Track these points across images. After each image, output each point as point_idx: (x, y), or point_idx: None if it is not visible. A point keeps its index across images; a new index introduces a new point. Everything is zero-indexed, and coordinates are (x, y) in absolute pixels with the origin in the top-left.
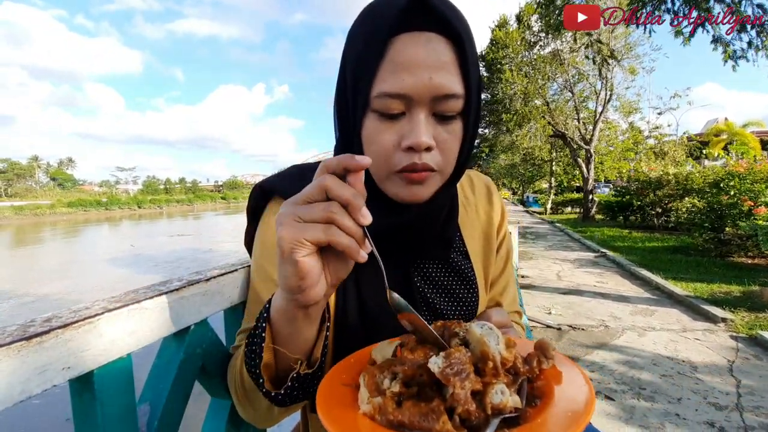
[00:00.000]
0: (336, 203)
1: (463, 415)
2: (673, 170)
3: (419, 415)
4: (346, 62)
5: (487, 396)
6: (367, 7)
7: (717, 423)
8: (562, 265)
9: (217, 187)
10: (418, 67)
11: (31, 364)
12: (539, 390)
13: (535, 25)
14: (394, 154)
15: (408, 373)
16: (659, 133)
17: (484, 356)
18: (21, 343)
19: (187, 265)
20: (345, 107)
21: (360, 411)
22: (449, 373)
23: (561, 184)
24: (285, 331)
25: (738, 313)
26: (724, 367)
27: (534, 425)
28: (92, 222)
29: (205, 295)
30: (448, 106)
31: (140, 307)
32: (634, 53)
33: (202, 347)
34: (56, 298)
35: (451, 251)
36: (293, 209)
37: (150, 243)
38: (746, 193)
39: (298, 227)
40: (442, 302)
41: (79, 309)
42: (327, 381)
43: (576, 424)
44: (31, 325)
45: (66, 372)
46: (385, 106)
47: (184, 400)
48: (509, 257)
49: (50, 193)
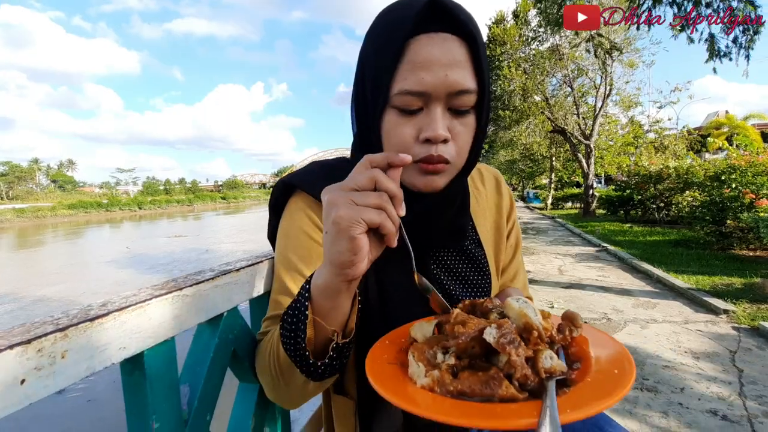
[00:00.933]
0: (385, 193)
1: (520, 380)
2: (674, 164)
3: (479, 384)
4: (364, 62)
5: (539, 361)
6: (384, 11)
7: (720, 411)
8: (563, 260)
9: (217, 186)
10: (435, 66)
11: (94, 343)
12: (574, 355)
13: (533, 20)
14: (412, 146)
15: (461, 346)
16: (659, 127)
17: (528, 327)
18: (86, 323)
19: (182, 267)
20: (364, 104)
21: (418, 385)
22: (504, 342)
23: (561, 180)
24: (327, 305)
25: (740, 304)
26: (727, 358)
27: (592, 381)
28: (92, 224)
29: (236, 284)
30: (462, 101)
31: (182, 294)
32: (634, 47)
33: (234, 333)
34: (52, 303)
35: (465, 239)
36: (347, 194)
37: (147, 245)
38: (747, 185)
39: (356, 209)
40: (456, 288)
41: (128, 296)
42: (372, 362)
43: (626, 376)
44: (90, 308)
45: (122, 352)
46: (404, 103)
47: (219, 382)
48: (519, 245)
49: (51, 195)
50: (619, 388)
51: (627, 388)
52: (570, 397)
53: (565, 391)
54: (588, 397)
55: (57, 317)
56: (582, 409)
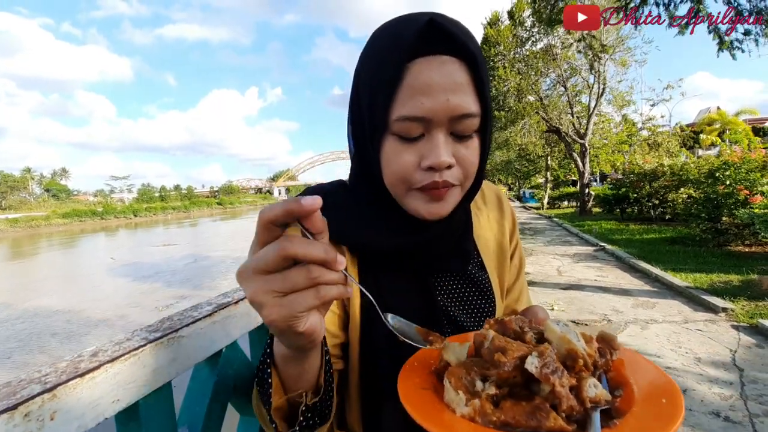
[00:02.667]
0: (313, 265)
1: (566, 412)
2: (668, 161)
3: (524, 414)
4: (360, 84)
5: (582, 390)
6: (378, 32)
7: (722, 413)
8: (561, 260)
9: (212, 192)
10: (435, 90)
11: (86, 400)
12: (613, 380)
13: (527, 21)
14: (414, 173)
15: (503, 376)
16: (652, 125)
17: (572, 354)
18: (76, 380)
19: (167, 278)
20: (361, 127)
21: (457, 413)
22: (547, 372)
23: (557, 179)
24: (294, 372)
25: (738, 302)
26: (727, 357)
27: (641, 412)
28: (87, 232)
29: (234, 318)
30: (465, 126)
31: (178, 335)
32: (626, 46)
33: (233, 368)
34: (30, 323)
35: (469, 264)
36: (265, 284)
37: (134, 254)
38: (742, 182)
39: (285, 303)
40: (461, 314)
41: (121, 341)
42: (405, 387)
43: (676, 407)
44: (80, 359)
45: (115, 405)
46: (404, 129)
47: (219, 421)
48: (522, 265)
49: (45, 204)
50: (672, 421)
51: (680, 419)
52: (621, 430)
53: (615, 423)
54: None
55: (45, 373)
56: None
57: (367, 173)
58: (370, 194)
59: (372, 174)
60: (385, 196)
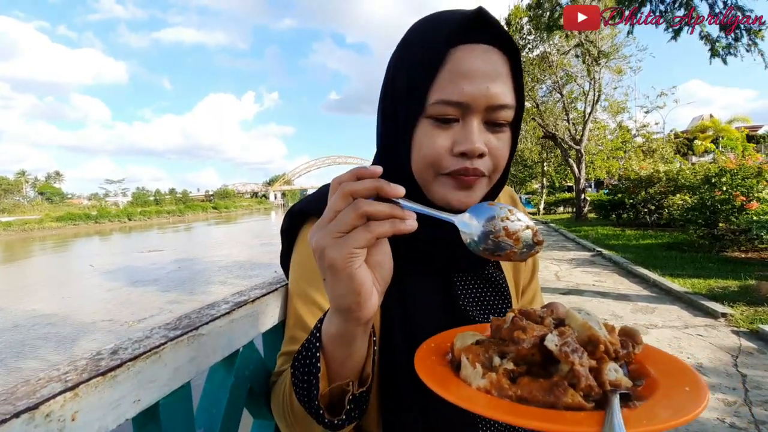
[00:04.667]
0: (361, 199)
1: (584, 391)
2: (664, 168)
3: (542, 390)
4: (397, 70)
5: (603, 373)
6: (423, 19)
7: (727, 419)
8: (559, 266)
9: (208, 196)
10: (476, 77)
11: (107, 400)
12: (635, 373)
13: (524, 27)
14: (445, 157)
15: (522, 353)
16: (647, 132)
17: (594, 340)
18: (97, 379)
19: (146, 287)
20: (393, 115)
21: (473, 387)
22: (567, 350)
23: (553, 185)
24: (341, 355)
25: (737, 307)
26: (729, 363)
27: (664, 396)
28: (80, 236)
29: (251, 317)
30: (500, 116)
31: (197, 333)
32: (621, 54)
33: (250, 369)
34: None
35: (488, 264)
36: (327, 229)
37: (116, 261)
38: (738, 188)
39: (342, 242)
40: (480, 314)
41: (141, 339)
42: (421, 363)
43: (700, 392)
44: (101, 357)
45: (136, 405)
46: (441, 112)
47: (236, 423)
48: (536, 267)
49: (38, 207)
50: (695, 405)
51: (703, 404)
52: (642, 410)
53: (634, 404)
54: (664, 412)
55: (64, 371)
56: (659, 422)
57: (393, 164)
58: None
59: (398, 164)
60: (409, 189)
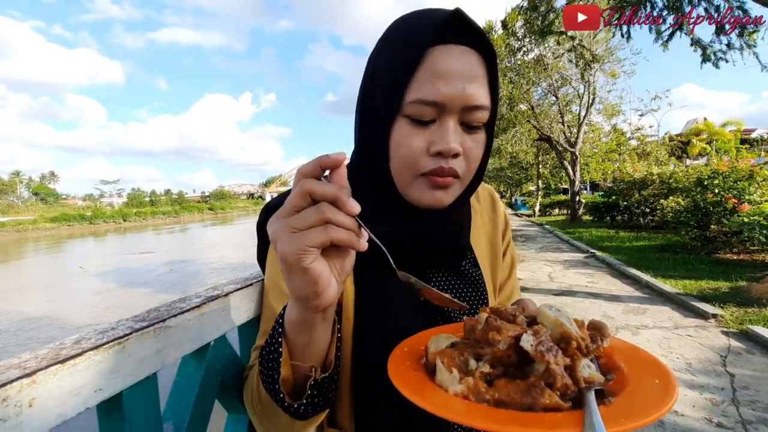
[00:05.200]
0: (324, 203)
1: (561, 390)
2: (657, 170)
3: (519, 392)
4: (376, 69)
5: (577, 370)
6: (402, 18)
7: (714, 419)
8: (553, 267)
9: (203, 197)
10: (453, 77)
11: (66, 388)
12: (605, 366)
13: (519, 31)
14: (421, 158)
15: (498, 354)
16: (641, 134)
17: (566, 337)
18: (56, 366)
19: (135, 291)
20: (372, 113)
21: (450, 392)
22: (542, 350)
23: (548, 187)
24: (302, 341)
25: (727, 308)
26: (718, 363)
27: (636, 390)
28: (74, 237)
29: (224, 311)
30: (476, 117)
31: (165, 325)
32: (615, 57)
33: (221, 363)
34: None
35: (465, 260)
36: (285, 222)
37: (108, 263)
38: (730, 190)
39: (297, 237)
40: (455, 311)
41: (105, 329)
42: (395, 370)
43: (669, 385)
44: (62, 347)
45: (98, 394)
46: (418, 113)
47: (206, 417)
48: (514, 263)
49: (32, 208)
50: (667, 398)
51: (675, 396)
52: (617, 407)
53: (609, 401)
54: (639, 407)
55: (24, 359)
56: (636, 419)
57: (371, 163)
58: (369, 188)
59: (376, 163)
60: (386, 187)
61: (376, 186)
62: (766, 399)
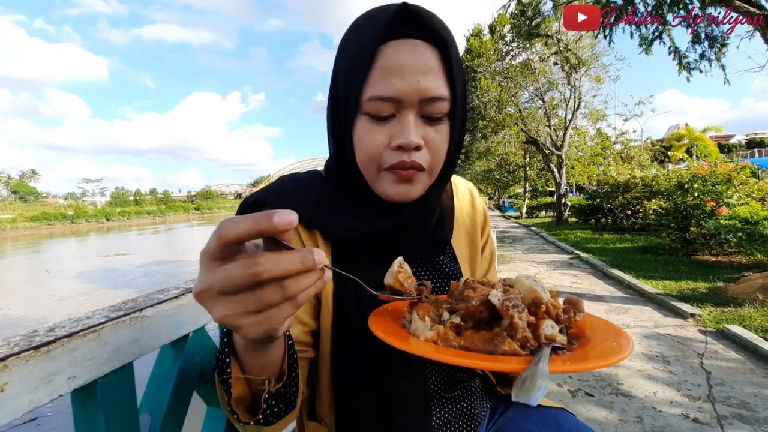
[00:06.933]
0: (287, 280)
1: (521, 342)
2: (640, 174)
3: (483, 341)
4: (338, 69)
5: (539, 328)
6: (357, 19)
7: (691, 414)
8: (539, 268)
9: (190, 197)
10: (406, 72)
11: (39, 374)
12: (574, 336)
13: (507, 35)
14: (384, 152)
15: (471, 309)
16: (625, 139)
17: (537, 301)
18: (29, 353)
19: (102, 296)
20: (337, 112)
21: (421, 339)
22: (508, 305)
23: (535, 189)
24: (257, 363)
25: (705, 308)
26: (695, 361)
27: (590, 348)
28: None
29: None
30: (435, 108)
31: (141, 315)
32: (600, 63)
33: (200, 355)
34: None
35: (443, 253)
36: (236, 308)
37: (77, 266)
38: (708, 194)
39: (263, 321)
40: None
41: (81, 318)
42: (375, 320)
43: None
44: (36, 335)
45: (71, 381)
46: (375, 109)
47: (184, 408)
48: (493, 258)
49: (11, 206)
50: (615, 354)
51: (623, 354)
52: (568, 356)
53: (564, 353)
54: (584, 357)
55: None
56: (576, 364)
57: (343, 158)
58: (345, 181)
59: (347, 158)
60: (359, 181)
61: (350, 180)
62: (740, 395)
